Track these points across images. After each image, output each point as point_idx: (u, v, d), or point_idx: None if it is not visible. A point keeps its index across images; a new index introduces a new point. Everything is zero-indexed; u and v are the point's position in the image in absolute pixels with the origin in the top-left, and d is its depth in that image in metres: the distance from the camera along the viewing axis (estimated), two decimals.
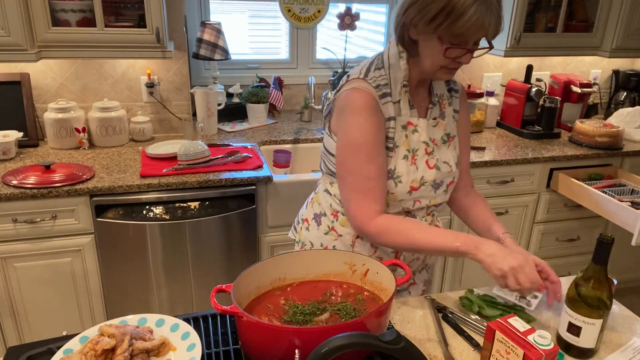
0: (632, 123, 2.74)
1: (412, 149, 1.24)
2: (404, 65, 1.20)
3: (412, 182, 1.24)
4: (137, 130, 2.39)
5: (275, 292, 1.11)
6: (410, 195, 1.25)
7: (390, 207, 1.26)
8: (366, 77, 1.20)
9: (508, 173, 2.46)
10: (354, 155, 1.18)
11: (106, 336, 0.95)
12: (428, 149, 1.26)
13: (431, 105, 1.28)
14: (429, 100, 1.29)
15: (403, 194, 1.24)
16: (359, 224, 1.20)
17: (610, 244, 0.99)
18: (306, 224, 1.41)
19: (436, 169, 1.27)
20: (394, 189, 1.23)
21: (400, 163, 1.23)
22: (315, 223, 1.38)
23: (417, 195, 1.26)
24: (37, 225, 1.90)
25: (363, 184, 1.18)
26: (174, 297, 2.15)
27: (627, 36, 2.71)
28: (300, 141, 2.53)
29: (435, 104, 1.29)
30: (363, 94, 1.18)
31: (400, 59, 1.20)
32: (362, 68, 1.23)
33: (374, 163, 1.18)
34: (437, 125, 1.29)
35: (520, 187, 2.51)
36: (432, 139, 1.27)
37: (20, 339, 2.06)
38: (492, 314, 1.17)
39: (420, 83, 1.27)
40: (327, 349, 0.75)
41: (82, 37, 2.04)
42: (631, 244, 2.08)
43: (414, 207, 1.28)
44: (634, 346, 1.11)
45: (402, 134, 1.23)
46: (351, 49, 2.93)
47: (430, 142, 1.27)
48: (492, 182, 2.45)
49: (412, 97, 1.26)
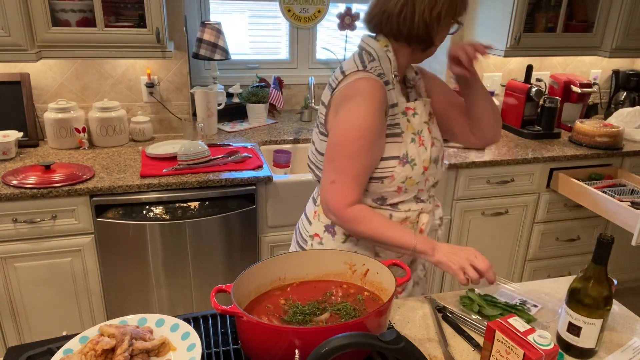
0: (632, 123, 2.74)
1: (417, 131, 1.29)
2: (392, 57, 1.26)
3: (423, 163, 1.29)
4: (137, 130, 2.39)
5: (275, 292, 1.11)
6: (423, 176, 1.30)
7: (408, 192, 1.29)
8: (365, 68, 1.23)
9: (508, 173, 2.46)
10: (355, 140, 1.19)
11: (106, 336, 0.95)
12: (429, 128, 1.32)
13: (408, 89, 1.36)
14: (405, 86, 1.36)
15: (418, 175, 1.28)
16: (335, 207, 1.22)
17: (610, 244, 0.99)
18: (318, 238, 1.38)
19: (435, 145, 1.33)
20: (411, 173, 1.27)
21: (410, 147, 1.27)
22: (329, 235, 1.36)
23: (427, 174, 1.32)
24: (37, 225, 1.90)
25: (354, 170, 1.20)
26: (174, 297, 2.15)
27: (627, 36, 2.71)
28: (300, 141, 2.53)
29: (411, 88, 1.36)
30: (372, 82, 1.20)
31: (387, 52, 1.26)
32: (356, 62, 1.26)
33: (371, 152, 1.21)
34: (426, 105, 1.35)
35: (520, 187, 2.51)
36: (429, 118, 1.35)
37: (20, 339, 2.06)
38: (492, 314, 1.17)
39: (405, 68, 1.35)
40: (327, 349, 0.75)
41: (82, 37, 2.04)
42: (631, 243, 2.09)
43: (425, 186, 1.33)
44: (634, 346, 1.11)
45: (404, 120, 1.28)
46: (351, 49, 2.93)
47: (429, 121, 1.34)
48: (492, 182, 2.45)
49: None
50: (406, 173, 1.26)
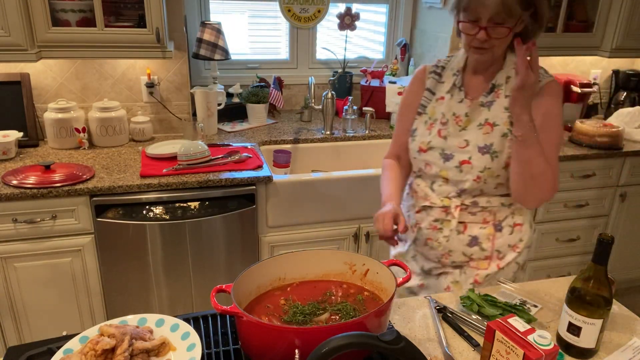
0: (632, 123, 2.74)
1: (433, 118, 1.40)
2: (462, 54, 1.38)
3: (421, 143, 1.40)
4: (137, 130, 2.39)
5: (275, 292, 1.11)
6: (420, 156, 1.41)
7: (414, 164, 1.47)
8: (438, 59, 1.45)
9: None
10: (399, 111, 1.51)
11: (106, 336, 0.95)
12: (443, 119, 1.38)
13: (485, 93, 1.35)
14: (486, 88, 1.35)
15: (414, 151, 1.42)
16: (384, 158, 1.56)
17: (610, 244, 0.99)
18: None
19: (444, 138, 1.37)
20: (410, 145, 1.44)
21: (421, 125, 1.42)
22: None
23: (426, 158, 1.40)
24: (37, 225, 1.90)
25: (396, 130, 1.52)
26: (174, 297, 2.15)
27: (627, 36, 2.71)
28: (300, 141, 2.53)
29: (489, 92, 1.35)
30: (420, 69, 1.47)
31: (461, 50, 1.37)
32: None
33: (401, 121, 1.49)
34: (462, 103, 1.37)
35: None
36: (455, 114, 1.37)
37: (20, 339, 2.06)
38: (492, 313, 1.17)
39: (479, 71, 1.36)
40: (327, 349, 0.75)
41: (82, 37, 2.04)
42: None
43: (425, 169, 1.42)
44: (634, 346, 1.11)
45: (433, 105, 1.41)
46: (351, 49, 2.93)
47: (450, 115, 1.37)
48: None
49: (469, 82, 1.38)
50: (409, 145, 1.45)
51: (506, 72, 1.32)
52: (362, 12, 2.86)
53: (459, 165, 1.35)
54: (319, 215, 2.25)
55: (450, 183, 1.38)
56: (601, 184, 2.65)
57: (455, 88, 1.38)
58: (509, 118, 1.30)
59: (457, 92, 1.37)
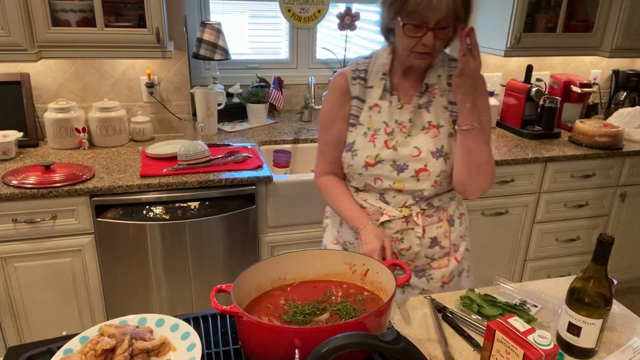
0: (632, 123, 2.74)
1: (374, 128, 1.33)
2: (386, 55, 1.32)
3: (367, 157, 1.32)
4: (137, 130, 2.39)
5: (275, 292, 1.11)
6: (367, 171, 1.33)
7: (354, 180, 1.38)
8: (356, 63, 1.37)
9: (508, 173, 2.46)
10: (319, 123, 1.42)
11: (106, 336, 0.95)
12: (387, 129, 1.32)
13: (419, 93, 1.31)
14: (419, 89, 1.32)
15: (359, 167, 1.34)
16: (314, 178, 1.48)
17: (610, 244, 0.99)
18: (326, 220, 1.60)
19: (393, 149, 1.31)
20: (351, 161, 1.34)
21: (359, 138, 1.33)
22: None
23: (376, 173, 1.33)
24: (37, 225, 1.90)
25: (321, 146, 1.43)
26: (174, 297, 2.15)
27: (627, 36, 2.71)
28: (300, 141, 2.53)
29: (423, 93, 1.32)
30: (338, 76, 1.37)
31: (385, 51, 1.32)
32: None
33: (326, 132, 1.39)
34: (403, 109, 1.31)
35: (520, 187, 2.51)
36: (397, 121, 1.31)
37: (20, 339, 2.06)
38: (492, 314, 1.17)
39: (409, 72, 1.32)
40: (327, 349, 0.75)
41: (82, 37, 2.04)
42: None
43: (375, 184, 1.35)
44: (634, 346, 1.11)
45: (368, 114, 1.33)
46: (351, 49, 2.93)
47: (393, 124, 1.31)
48: None
49: (399, 84, 1.33)
50: (347, 160, 1.35)
51: (436, 71, 1.31)
52: (362, 12, 2.86)
53: (415, 174, 1.31)
54: (319, 215, 2.24)
55: (404, 192, 1.34)
56: (601, 184, 2.65)
57: (386, 92, 1.32)
58: (451, 116, 1.31)
59: (388, 96, 1.32)
